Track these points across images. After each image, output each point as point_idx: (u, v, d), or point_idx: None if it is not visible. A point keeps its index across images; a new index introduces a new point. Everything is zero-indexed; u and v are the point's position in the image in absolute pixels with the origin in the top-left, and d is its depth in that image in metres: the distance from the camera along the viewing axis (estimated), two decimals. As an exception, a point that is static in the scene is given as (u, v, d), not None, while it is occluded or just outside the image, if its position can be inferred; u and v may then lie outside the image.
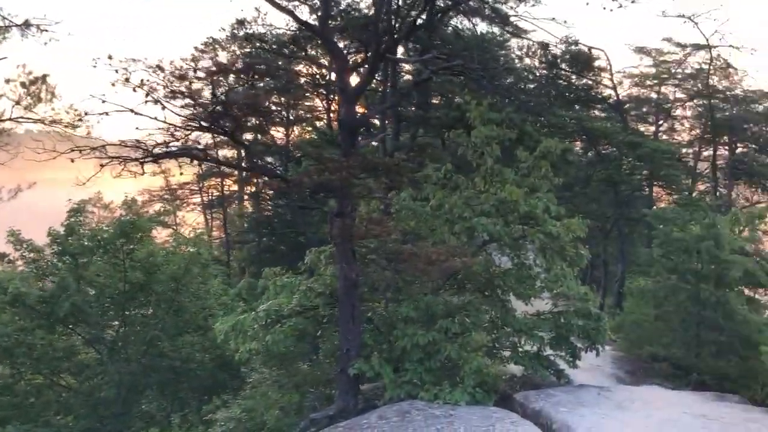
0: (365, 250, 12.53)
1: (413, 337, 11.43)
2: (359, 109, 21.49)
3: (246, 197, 47.18)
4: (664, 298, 19.10)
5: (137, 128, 10.93)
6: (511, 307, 13.46)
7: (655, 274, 20.31)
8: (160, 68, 10.89)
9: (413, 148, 20.45)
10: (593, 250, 32.30)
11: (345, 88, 12.12)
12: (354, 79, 12.94)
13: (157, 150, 10.96)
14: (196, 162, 14.83)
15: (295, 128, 41.61)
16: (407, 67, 23.56)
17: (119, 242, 19.76)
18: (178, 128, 11.52)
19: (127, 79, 10.26)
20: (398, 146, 19.22)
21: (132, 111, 10.45)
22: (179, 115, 11.37)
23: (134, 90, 10.43)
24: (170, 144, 11.44)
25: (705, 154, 40.80)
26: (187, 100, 11.00)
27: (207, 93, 11.92)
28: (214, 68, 11.53)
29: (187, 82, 11.01)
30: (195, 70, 10.99)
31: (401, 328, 11.88)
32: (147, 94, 10.39)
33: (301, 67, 30.47)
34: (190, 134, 11.94)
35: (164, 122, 11.04)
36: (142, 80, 10.39)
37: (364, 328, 12.75)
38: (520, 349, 13.01)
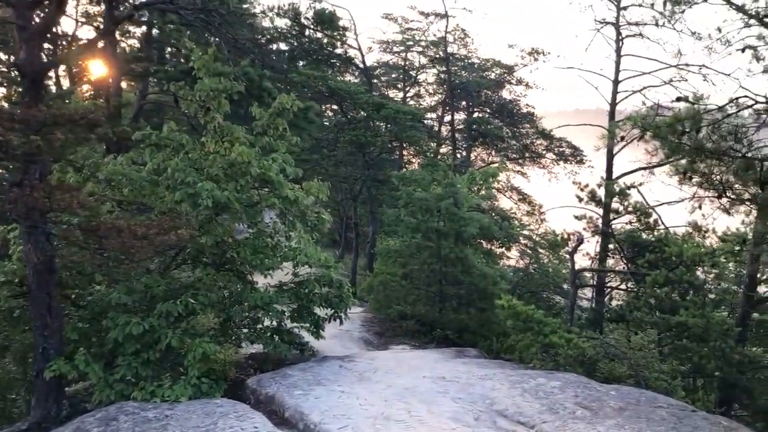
0: (66, 227, 10.33)
1: (126, 327, 9.61)
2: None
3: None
4: (409, 257, 19.35)
5: None
6: (252, 280, 12.25)
7: (401, 233, 20.54)
8: None
9: (142, 105, 18.00)
10: (347, 212, 32.53)
11: (25, 25, 9.62)
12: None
13: None
14: None
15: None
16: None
17: None
18: None
19: None
20: (122, 103, 16.67)
21: None
22: None
23: None
24: None
25: (447, 118, 43.35)
26: None
27: None
28: None
29: None
30: None
31: (113, 316, 9.96)
32: None
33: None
34: None
35: None
36: None
37: (71, 319, 10.61)
38: (259, 326, 11.90)
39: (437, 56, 42.15)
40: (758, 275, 19.64)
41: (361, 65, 30.43)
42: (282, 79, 20.08)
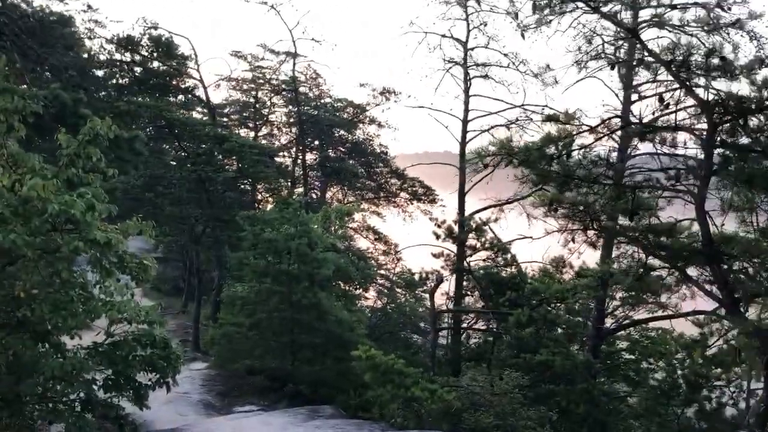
0: None
1: None
2: None
3: None
4: (257, 304, 17.54)
5: None
6: (59, 342, 9.92)
7: (249, 279, 18.69)
8: None
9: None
10: (190, 256, 29.82)
11: None
12: None
13: None
14: None
15: None
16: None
17: None
18: None
19: None
20: None
21: None
22: None
23: None
24: None
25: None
26: None
27: None
28: None
29: None
30: None
31: None
32: None
33: None
34: None
35: None
36: None
37: None
38: (64, 400, 9.60)
39: (289, 94, 41.14)
40: (604, 308, 19.95)
41: (204, 98, 28.43)
42: (107, 107, 17.79)
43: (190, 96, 29.10)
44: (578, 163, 8.32)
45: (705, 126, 7.70)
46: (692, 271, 9.02)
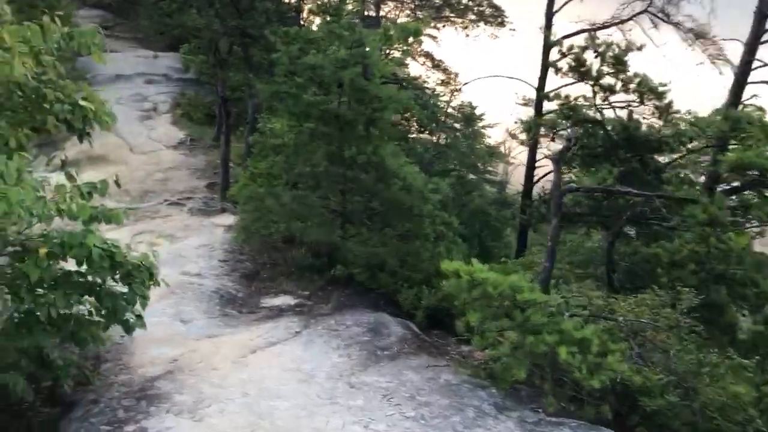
0: None
1: None
2: None
3: None
4: (295, 156, 12.89)
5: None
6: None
7: (288, 119, 13.83)
8: None
9: None
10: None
11: None
12: None
13: None
14: None
15: None
16: None
17: None
18: None
19: None
20: None
21: None
22: None
23: None
24: None
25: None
26: None
27: None
28: None
29: None
30: None
31: None
32: None
33: None
34: None
35: None
36: None
37: None
38: None
39: None
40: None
41: None
42: None
43: None
44: None
45: None
46: None
